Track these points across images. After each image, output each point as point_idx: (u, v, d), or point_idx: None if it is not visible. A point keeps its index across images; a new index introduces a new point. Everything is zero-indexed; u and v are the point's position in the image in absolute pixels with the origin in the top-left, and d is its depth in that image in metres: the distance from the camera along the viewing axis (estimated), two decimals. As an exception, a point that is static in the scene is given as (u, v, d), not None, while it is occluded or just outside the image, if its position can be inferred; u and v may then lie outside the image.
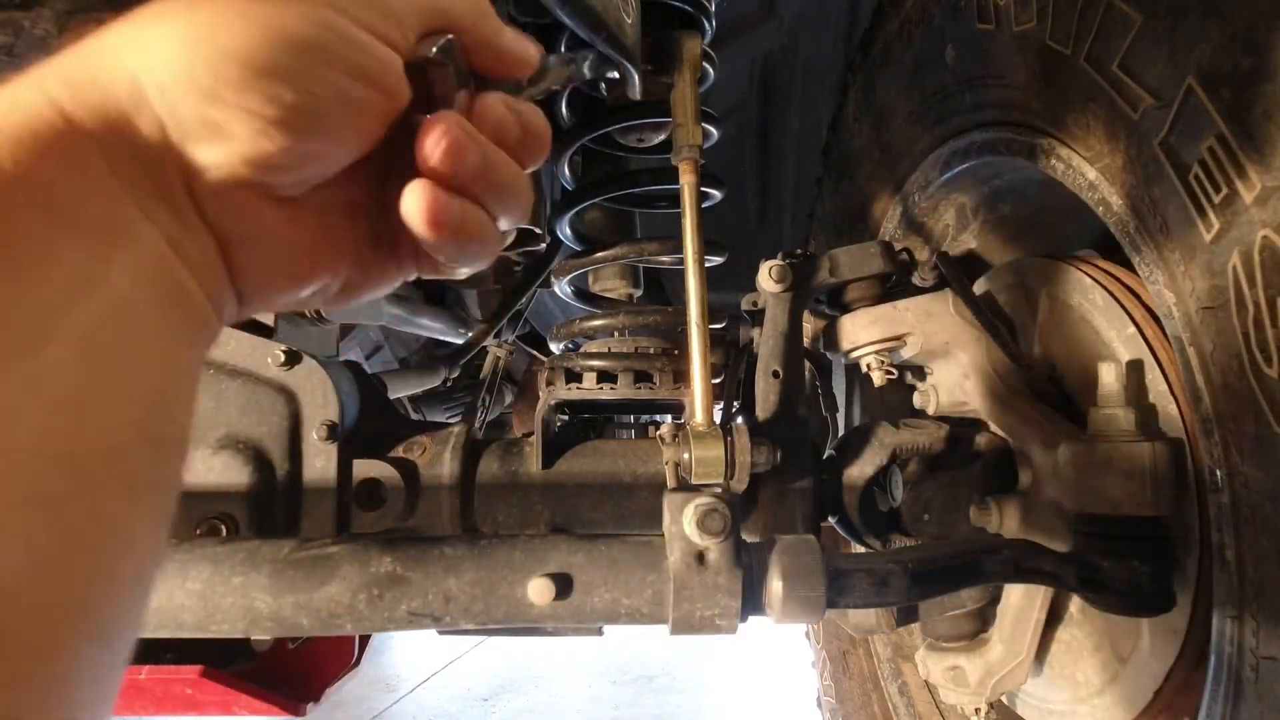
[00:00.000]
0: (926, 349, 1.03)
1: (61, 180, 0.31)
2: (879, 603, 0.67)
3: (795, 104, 1.94)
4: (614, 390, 1.02)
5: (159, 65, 0.34)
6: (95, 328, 0.30)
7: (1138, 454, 0.73)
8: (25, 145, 0.30)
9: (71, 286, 0.30)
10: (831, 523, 1.05)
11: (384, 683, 3.49)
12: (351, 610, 0.61)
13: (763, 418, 0.94)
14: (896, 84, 1.17)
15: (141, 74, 0.34)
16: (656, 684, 3.41)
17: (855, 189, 1.40)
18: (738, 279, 1.38)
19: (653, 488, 0.98)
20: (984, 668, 0.93)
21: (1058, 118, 0.77)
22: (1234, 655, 0.62)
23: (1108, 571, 0.74)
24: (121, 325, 0.31)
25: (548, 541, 0.66)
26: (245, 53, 0.34)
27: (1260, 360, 0.55)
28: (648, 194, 1.23)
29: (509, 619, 0.63)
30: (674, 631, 0.62)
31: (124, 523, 0.30)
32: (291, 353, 0.89)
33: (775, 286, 0.98)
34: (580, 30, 0.66)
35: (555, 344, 1.26)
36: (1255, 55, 0.53)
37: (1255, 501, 0.58)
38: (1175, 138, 0.61)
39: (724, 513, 0.61)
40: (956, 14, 0.95)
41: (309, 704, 1.41)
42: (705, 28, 1.05)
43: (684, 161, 0.83)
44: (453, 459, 0.98)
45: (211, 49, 0.34)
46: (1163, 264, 0.65)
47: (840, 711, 1.74)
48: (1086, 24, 0.71)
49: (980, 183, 1.06)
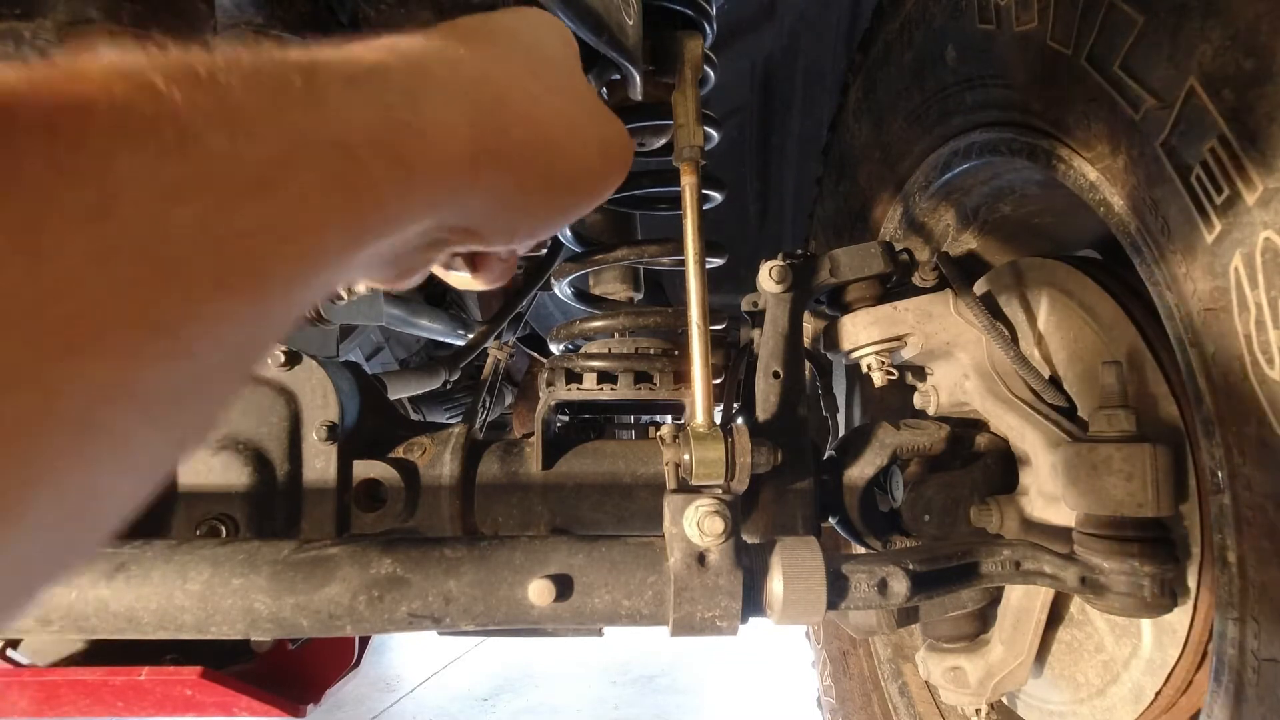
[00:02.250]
0: (927, 349, 1.03)
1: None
2: (879, 604, 0.67)
3: (796, 105, 1.94)
4: (614, 391, 1.02)
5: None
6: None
7: (1138, 455, 0.73)
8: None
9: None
10: (831, 523, 1.04)
11: (384, 683, 3.49)
12: (351, 611, 0.61)
13: (763, 418, 0.94)
14: (897, 84, 1.17)
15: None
16: (656, 684, 3.41)
17: (855, 189, 1.40)
18: (738, 279, 1.39)
19: (653, 488, 0.98)
20: (984, 668, 0.93)
21: (1059, 118, 0.77)
22: (1235, 657, 0.61)
23: (1108, 573, 0.74)
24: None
25: (548, 543, 0.66)
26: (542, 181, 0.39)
27: (1262, 362, 0.55)
28: (648, 196, 1.23)
29: (509, 620, 0.63)
30: (674, 633, 0.62)
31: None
32: (292, 353, 0.89)
33: (775, 287, 0.98)
34: (581, 32, 0.66)
35: (555, 345, 1.25)
36: (1257, 56, 0.53)
37: (1257, 503, 0.58)
38: (1177, 139, 0.61)
39: (725, 514, 0.61)
40: (957, 14, 0.95)
41: (309, 705, 1.41)
42: (706, 29, 1.05)
43: (685, 163, 0.83)
44: (453, 460, 0.98)
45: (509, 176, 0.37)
46: (1164, 265, 0.65)
47: (840, 712, 1.73)
48: (1088, 24, 0.71)
49: (981, 183, 1.06)
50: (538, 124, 0.39)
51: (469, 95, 0.35)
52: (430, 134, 0.32)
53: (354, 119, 0.28)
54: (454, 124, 0.33)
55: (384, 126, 0.30)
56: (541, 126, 0.39)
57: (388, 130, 0.30)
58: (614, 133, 0.44)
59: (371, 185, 0.29)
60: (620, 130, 0.45)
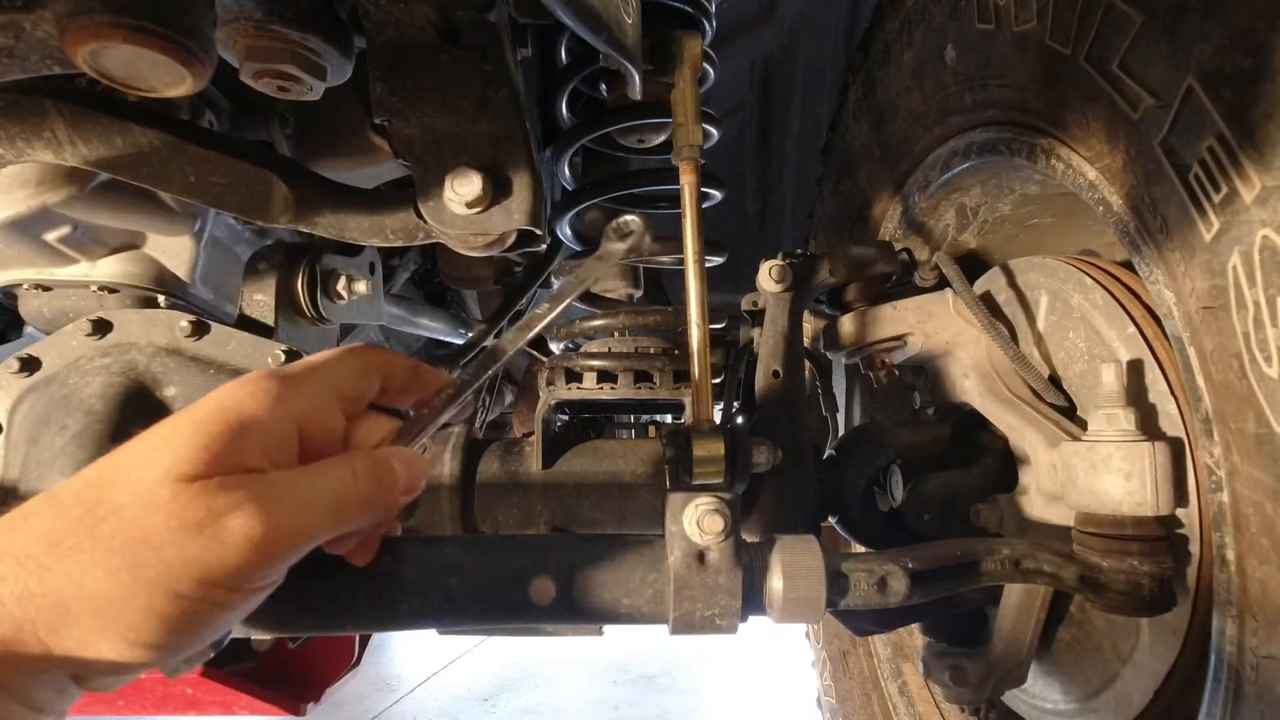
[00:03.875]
0: (926, 349, 1.03)
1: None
2: (879, 603, 0.67)
3: (795, 104, 1.94)
4: (614, 390, 1.02)
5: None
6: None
7: (1138, 454, 0.73)
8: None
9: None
10: (831, 522, 1.05)
11: (384, 683, 3.49)
12: (352, 610, 0.61)
13: (763, 418, 0.94)
14: (897, 84, 1.17)
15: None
16: (656, 684, 3.41)
17: (855, 189, 1.40)
18: (738, 279, 1.39)
19: (653, 488, 0.98)
20: (984, 667, 0.93)
21: (1058, 117, 0.77)
22: (1234, 655, 0.61)
23: (1108, 571, 0.74)
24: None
25: (548, 541, 0.66)
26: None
27: (1260, 360, 0.55)
28: (648, 194, 1.23)
29: (509, 619, 0.63)
30: (674, 631, 0.62)
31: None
32: (291, 353, 0.89)
33: (775, 286, 0.98)
34: (581, 31, 0.66)
35: (555, 344, 1.26)
36: (1255, 55, 0.53)
37: (1255, 501, 0.58)
38: (1175, 137, 0.61)
39: (724, 512, 0.61)
40: (957, 14, 0.95)
41: (309, 704, 1.41)
42: (705, 28, 1.05)
43: (684, 162, 0.83)
44: (453, 459, 0.98)
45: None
46: (1163, 263, 0.65)
47: (840, 711, 1.74)
48: (1087, 24, 0.71)
49: (980, 183, 1.06)
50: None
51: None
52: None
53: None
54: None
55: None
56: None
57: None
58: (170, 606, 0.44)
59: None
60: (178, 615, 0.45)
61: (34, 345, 0.87)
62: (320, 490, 0.50)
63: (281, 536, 0.47)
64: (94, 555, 0.43)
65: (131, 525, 0.44)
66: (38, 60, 0.62)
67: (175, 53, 0.59)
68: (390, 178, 1.11)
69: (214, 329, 0.88)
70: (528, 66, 1.15)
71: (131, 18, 0.57)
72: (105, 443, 0.81)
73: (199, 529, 0.44)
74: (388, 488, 0.54)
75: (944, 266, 1.00)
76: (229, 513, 0.45)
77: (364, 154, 1.03)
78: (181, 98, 0.73)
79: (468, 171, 0.72)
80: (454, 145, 0.74)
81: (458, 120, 0.74)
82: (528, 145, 0.75)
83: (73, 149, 0.72)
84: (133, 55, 0.59)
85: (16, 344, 1.18)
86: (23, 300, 0.99)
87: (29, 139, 0.72)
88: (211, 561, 0.44)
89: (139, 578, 0.43)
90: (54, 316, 0.99)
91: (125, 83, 0.62)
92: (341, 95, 0.88)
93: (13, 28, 0.60)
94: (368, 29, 0.74)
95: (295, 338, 0.98)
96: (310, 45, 0.72)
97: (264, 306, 0.95)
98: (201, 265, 1.03)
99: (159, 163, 0.75)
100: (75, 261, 0.97)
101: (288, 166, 0.80)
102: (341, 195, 0.81)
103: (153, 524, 0.44)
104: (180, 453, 0.46)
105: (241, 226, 1.11)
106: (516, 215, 0.74)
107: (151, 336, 0.87)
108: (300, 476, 0.50)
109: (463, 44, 0.74)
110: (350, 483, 0.52)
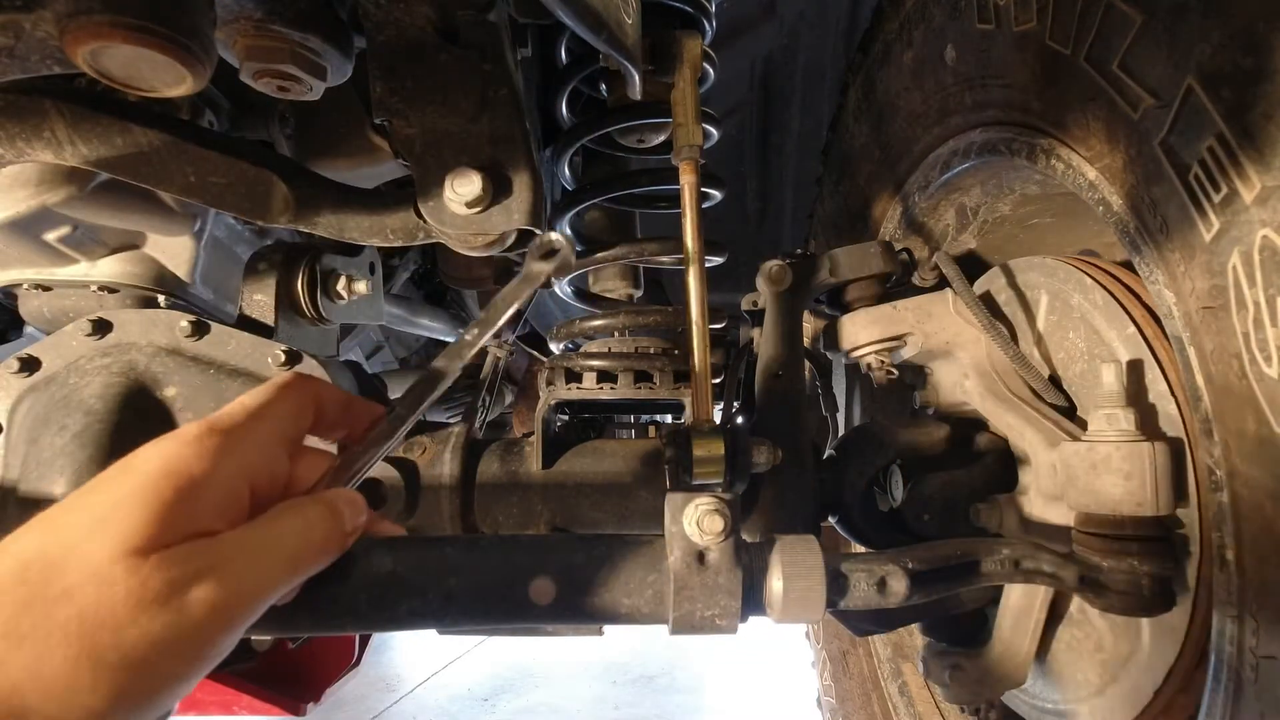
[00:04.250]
0: (926, 349, 1.03)
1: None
2: (879, 603, 0.67)
3: (795, 104, 1.94)
4: (614, 390, 1.02)
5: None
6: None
7: (1137, 454, 0.73)
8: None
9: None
10: (831, 523, 1.05)
11: (384, 683, 3.49)
12: (352, 610, 0.61)
13: (763, 418, 0.94)
14: (897, 84, 1.17)
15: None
16: (656, 684, 3.41)
17: (855, 189, 1.40)
18: (738, 279, 1.39)
19: (653, 488, 0.98)
20: (984, 667, 0.93)
21: (1058, 118, 0.77)
22: (1234, 655, 0.61)
23: (1108, 571, 0.74)
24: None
25: (548, 541, 0.66)
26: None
27: (1260, 360, 0.55)
28: (648, 194, 1.23)
29: (509, 619, 0.63)
30: (674, 631, 0.62)
31: None
32: (291, 353, 0.89)
33: (775, 286, 0.98)
34: (581, 31, 0.66)
35: (555, 344, 1.26)
36: (1255, 55, 0.53)
37: (1255, 501, 0.58)
38: (1175, 137, 0.61)
39: (724, 512, 0.61)
40: (956, 14, 0.95)
41: (309, 703, 1.41)
42: (705, 28, 1.05)
43: (684, 161, 0.83)
44: (453, 459, 0.98)
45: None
46: (1162, 263, 0.65)
47: (840, 711, 1.74)
48: (1086, 24, 0.71)
49: (980, 183, 1.06)
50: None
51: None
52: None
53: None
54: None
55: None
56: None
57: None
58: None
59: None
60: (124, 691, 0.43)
61: (34, 345, 0.87)
62: (276, 546, 0.50)
63: (244, 600, 0.46)
64: (49, 644, 0.41)
65: (87, 610, 0.41)
66: (38, 60, 0.62)
67: (175, 53, 0.59)
68: (390, 178, 1.11)
69: (214, 329, 0.88)
70: (528, 66, 1.15)
71: (131, 18, 0.57)
72: (105, 442, 0.81)
73: (161, 604, 0.43)
74: (340, 532, 0.54)
75: (944, 266, 1.00)
76: (190, 584, 0.44)
77: (364, 154, 1.03)
78: (181, 98, 0.73)
79: (468, 171, 0.72)
80: (454, 145, 0.75)
81: (458, 120, 0.74)
82: (528, 145, 0.75)
83: (73, 149, 0.72)
84: (133, 55, 0.59)
85: (16, 344, 1.18)
86: (23, 300, 1.00)
87: (29, 139, 0.72)
88: (177, 637, 0.43)
89: (100, 662, 0.41)
90: (54, 316, 0.99)
91: (125, 83, 0.62)
92: (341, 95, 0.88)
93: (13, 28, 0.60)
94: (368, 29, 0.74)
95: (295, 337, 0.98)
96: (310, 45, 0.72)
97: (264, 306, 0.95)
98: (201, 265, 1.03)
99: (159, 163, 0.75)
100: (75, 261, 0.97)
101: (288, 166, 0.80)
102: (341, 195, 0.81)
103: (110, 606, 0.42)
104: (130, 525, 0.44)
105: (241, 226, 1.11)
106: (516, 215, 0.75)
107: (151, 336, 0.87)
108: (255, 534, 0.49)
109: (463, 44, 0.74)
110: (305, 533, 0.51)
